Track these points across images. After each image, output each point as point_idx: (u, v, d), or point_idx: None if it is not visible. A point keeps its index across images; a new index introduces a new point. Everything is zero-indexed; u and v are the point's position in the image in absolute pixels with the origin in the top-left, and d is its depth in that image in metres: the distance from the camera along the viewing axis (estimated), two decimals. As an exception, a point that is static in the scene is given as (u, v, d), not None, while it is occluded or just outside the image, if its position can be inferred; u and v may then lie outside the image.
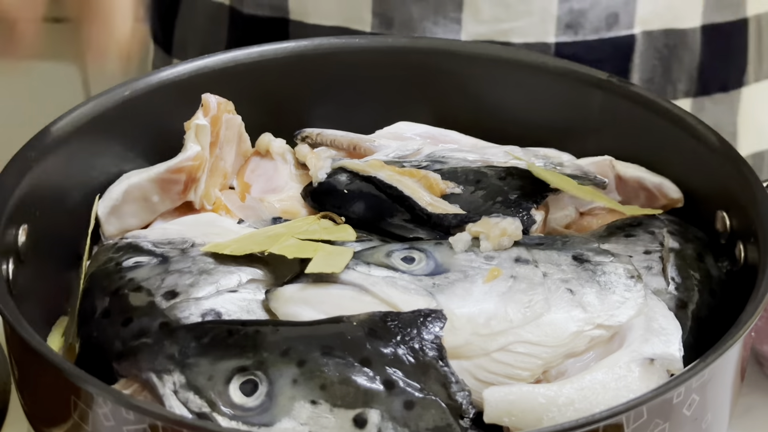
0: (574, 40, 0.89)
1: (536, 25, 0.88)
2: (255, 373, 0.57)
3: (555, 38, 0.88)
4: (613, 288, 0.62)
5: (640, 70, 0.92)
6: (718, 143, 0.71)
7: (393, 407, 0.56)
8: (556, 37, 0.88)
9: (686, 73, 0.94)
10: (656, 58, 0.92)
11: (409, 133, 0.78)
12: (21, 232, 0.67)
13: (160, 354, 0.58)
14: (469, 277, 0.62)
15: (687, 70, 0.93)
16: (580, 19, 0.89)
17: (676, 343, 0.60)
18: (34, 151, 0.69)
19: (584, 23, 0.89)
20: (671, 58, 0.93)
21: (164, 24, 1.02)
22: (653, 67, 0.92)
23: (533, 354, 0.60)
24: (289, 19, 0.91)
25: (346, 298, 0.62)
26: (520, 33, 0.88)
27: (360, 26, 0.89)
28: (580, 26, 0.89)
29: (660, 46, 0.92)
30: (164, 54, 1.03)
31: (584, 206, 0.74)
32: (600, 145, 0.77)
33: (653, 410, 0.54)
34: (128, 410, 0.53)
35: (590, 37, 0.89)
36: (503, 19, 0.88)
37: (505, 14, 0.88)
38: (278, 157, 0.77)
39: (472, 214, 0.68)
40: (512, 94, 0.79)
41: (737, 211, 0.68)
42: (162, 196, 0.73)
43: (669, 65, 0.93)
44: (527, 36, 0.88)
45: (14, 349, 0.63)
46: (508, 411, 0.57)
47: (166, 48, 1.02)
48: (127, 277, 0.65)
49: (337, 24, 0.90)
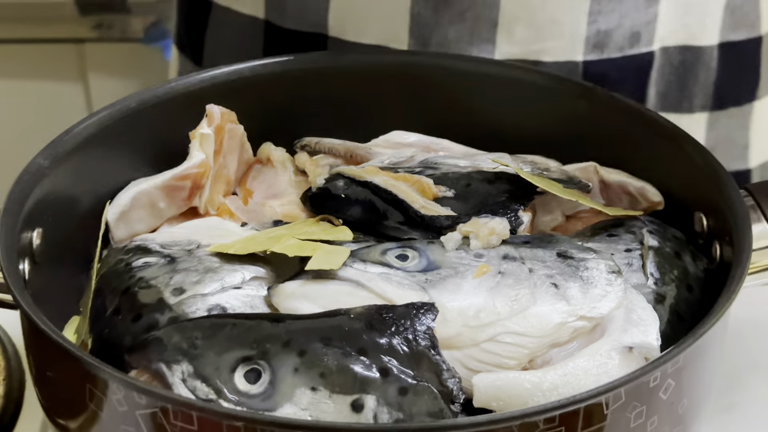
0: (600, 58, 0.91)
1: (566, 45, 0.90)
2: (258, 362, 0.59)
3: (583, 57, 0.90)
4: (595, 282, 0.65)
5: (656, 84, 0.94)
6: (696, 149, 0.73)
7: (388, 393, 0.58)
8: (584, 56, 0.90)
9: (702, 88, 0.95)
10: (672, 73, 0.94)
11: (404, 141, 0.80)
12: (36, 236, 0.69)
13: (169, 346, 0.60)
14: (460, 273, 0.65)
15: (703, 86, 0.95)
16: (606, 39, 0.90)
17: (654, 333, 0.63)
18: (47, 159, 0.71)
19: (609, 42, 0.91)
20: (687, 74, 0.94)
21: (192, 35, 1.02)
22: (668, 82, 0.94)
23: (520, 344, 0.62)
24: (328, 35, 0.92)
25: (343, 293, 0.64)
26: (550, 53, 0.90)
27: (398, 45, 0.90)
28: (605, 45, 0.91)
29: (676, 62, 0.93)
30: (193, 65, 1.03)
31: (570, 210, 0.76)
32: (585, 151, 0.79)
33: (631, 393, 0.57)
34: (140, 395, 0.56)
35: (615, 55, 0.91)
36: (535, 41, 0.89)
37: (536, 36, 0.89)
38: (279, 164, 0.79)
39: (463, 216, 0.70)
40: (501, 104, 0.81)
41: (714, 213, 0.71)
42: (168, 202, 0.74)
43: (685, 81, 0.94)
44: (557, 56, 0.90)
45: (32, 345, 0.65)
46: (496, 396, 0.59)
47: (196, 59, 1.03)
48: (137, 276, 0.67)
49: (374, 42, 0.91)
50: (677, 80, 0.94)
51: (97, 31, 1.73)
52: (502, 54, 0.90)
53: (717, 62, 0.94)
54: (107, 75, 1.75)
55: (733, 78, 0.96)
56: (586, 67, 0.91)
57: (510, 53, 0.90)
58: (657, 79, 0.94)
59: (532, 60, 0.90)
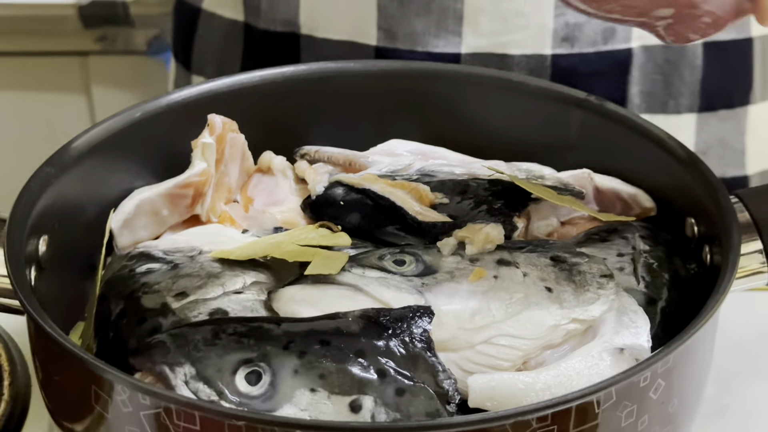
0: (570, 53, 0.91)
1: (533, 37, 0.90)
2: (259, 364, 0.60)
3: (551, 50, 0.91)
4: (587, 286, 0.66)
5: (640, 83, 0.93)
6: (687, 156, 0.74)
7: (385, 394, 0.60)
8: (553, 49, 0.91)
9: (688, 88, 0.94)
10: (657, 72, 0.93)
11: (401, 150, 0.81)
12: (42, 243, 0.70)
13: (171, 349, 0.61)
14: (456, 278, 0.66)
15: (689, 86, 0.94)
16: (575, 33, 0.90)
17: (645, 335, 0.64)
18: (53, 167, 0.72)
19: (580, 36, 0.90)
20: (672, 74, 0.94)
21: (184, 42, 1.04)
22: (653, 81, 0.94)
23: (514, 346, 0.63)
24: (300, 33, 0.93)
25: (342, 297, 0.65)
26: (517, 45, 0.90)
27: (366, 40, 0.91)
28: (576, 39, 0.91)
29: (660, 61, 0.93)
30: (185, 71, 1.04)
31: (565, 216, 0.77)
32: (579, 159, 0.80)
33: (622, 392, 0.58)
34: (144, 396, 0.57)
35: (586, 50, 0.91)
36: (501, 33, 0.90)
37: (503, 28, 0.90)
38: (279, 173, 0.80)
39: (459, 222, 0.71)
40: (497, 113, 0.82)
41: (704, 219, 0.72)
42: (171, 210, 0.75)
43: (670, 80, 0.94)
44: (524, 48, 0.90)
45: (39, 348, 0.66)
46: (490, 396, 0.60)
47: (186, 65, 1.04)
48: (141, 282, 0.68)
49: (344, 38, 0.92)
50: (663, 79, 0.94)
51: (100, 43, 1.74)
52: (469, 47, 0.90)
53: (702, 61, 0.94)
54: (111, 87, 1.76)
55: (721, 78, 0.95)
56: (555, 61, 0.91)
57: (477, 46, 0.91)
58: (640, 77, 0.93)
59: (500, 53, 0.90)
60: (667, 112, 0.95)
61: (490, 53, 0.91)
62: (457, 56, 0.92)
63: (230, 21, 0.99)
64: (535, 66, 0.92)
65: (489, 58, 0.92)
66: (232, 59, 0.99)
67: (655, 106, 0.95)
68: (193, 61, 1.03)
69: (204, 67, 1.03)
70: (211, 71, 1.02)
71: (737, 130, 0.98)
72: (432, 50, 0.91)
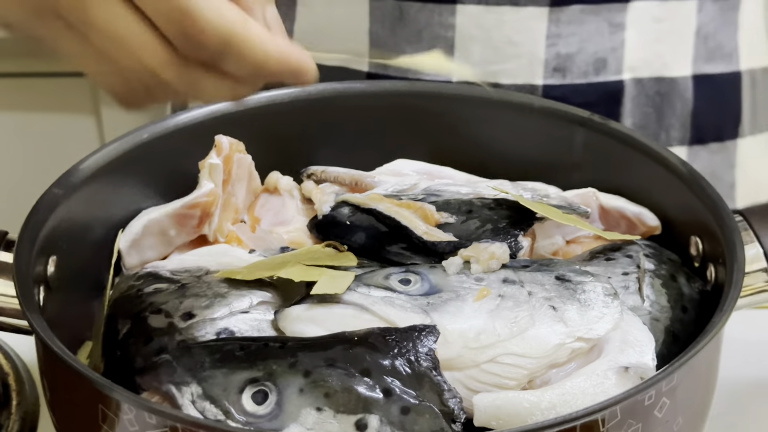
0: (562, 83, 0.90)
1: (524, 67, 0.90)
2: (265, 383, 0.61)
3: (543, 81, 0.90)
4: (592, 305, 0.66)
5: (632, 115, 0.93)
6: (690, 175, 0.75)
7: (391, 413, 0.60)
8: (544, 79, 0.90)
9: (679, 120, 0.94)
10: (648, 105, 0.93)
11: (407, 170, 0.81)
12: (50, 263, 0.70)
13: (178, 368, 0.62)
14: (461, 297, 0.66)
15: (679, 118, 0.94)
16: (567, 63, 0.90)
17: (650, 353, 0.64)
18: (61, 188, 0.72)
19: (571, 67, 0.90)
20: (663, 105, 0.94)
21: None
22: (645, 113, 0.93)
23: (519, 365, 0.63)
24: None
25: (348, 317, 0.65)
26: (508, 75, 0.90)
27: (358, 66, 0.91)
28: (567, 70, 0.90)
29: (651, 93, 0.93)
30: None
31: (570, 235, 0.78)
32: (584, 178, 0.80)
33: (626, 411, 0.58)
34: (151, 415, 0.57)
35: (578, 80, 0.91)
36: (493, 62, 0.89)
37: (494, 57, 0.89)
38: (286, 193, 0.80)
39: (464, 241, 0.72)
40: (502, 132, 0.83)
41: (709, 237, 0.72)
42: (179, 230, 0.76)
43: (662, 112, 0.94)
44: (515, 78, 0.90)
45: (47, 368, 0.66)
46: (495, 415, 0.61)
47: None
48: (148, 302, 0.69)
49: (337, 64, 0.91)
50: (654, 112, 0.94)
51: (109, 64, 1.74)
52: (459, 74, 0.89)
53: (692, 93, 0.94)
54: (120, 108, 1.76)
55: (711, 111, 0.95)
56: (546, 91, 0.90)
57: (467, 74, 0.88)
58: (632, 110, 0.93)
59: (491, 82, 0.90)
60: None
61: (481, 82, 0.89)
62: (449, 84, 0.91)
63: None
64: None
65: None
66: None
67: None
68: None
69: None
70: None
71: (727, 164, 0.98)
72: (423, 77, 0.90)
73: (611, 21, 0.90)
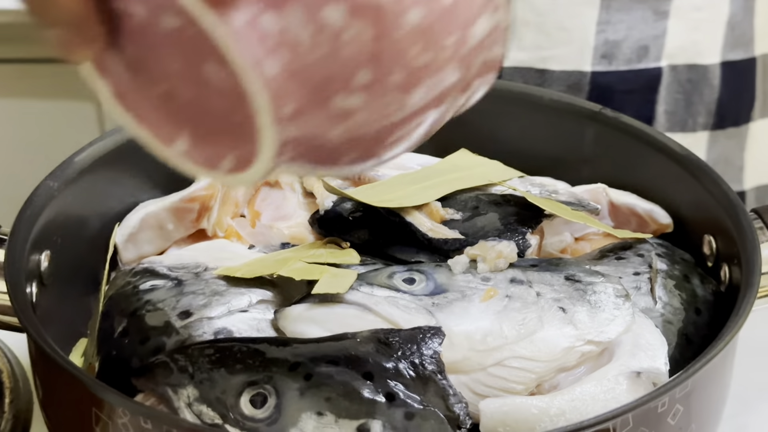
0: (608, 70, 0.92)
1: (574, 53, 0.91)
2: (264, 386, 0.59)
3: (591, 67, 0.92)
4: (602, 306, 0.65)
5: (665, 102, 0.94)
6: (704, 172, 0.74)
7: (394, 418, 0.58)
8: (592, 66, 0.92)
9: (705, 107, 0.96)
10: (679, 92, 0.94)
11: (411, 163, 0.79)
12: (44, 258, 0.69)
13: (175, 370, 0.60)
14: (467, 297, 0.65)
15: (706, 105, 0.96)
16: (614, 50, 0.92)
17: (662, 357, 0.63)
18: (56, 181, 0.71)
19: (618, 54, 0.92)
20: (693, 93, 0.95)
21: None
22: (676, 100, 0.95)
23: (527, 368, 0.62)
24: None
25: (350, 317, 0.64)
26: (558, 61, 0.91)
27: None
28: (614, 57, 0.92)
29: (683, 80, 0.94)
30: None
31: (579, 232, 0.77)
32: (594, 173, 0.79)
33: (639, 418, 0.57)
34: (146, 419, 0.56)
35: (622, 67, 0.92)
36: (543, 47, 0.91)
37: (546, 42, 0.91)
38: (287, 186, 0.79)
39: (471, 239, 0.70)
40: (510, 125, 0.81)
41: (723, 236, 0.71)
42: (176, 224, 0.75)
43: (690, 99, 0.95)
44: (565, 64, 0.91)
45: (39, 367, 0.65)
46: (502, 421, 0.59)
47: None
48: (144, 299, 0.67)
49: None
50: (684, 99, 0.95)
51: (109, 50, 1.73)
52: (510, 60, 0.91)
53: (720, 81, 0.96)
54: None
55: (732, 98, 0.97)
56: (594, 78, 0.92)
57: (518, 59, 0.91)
58: (665, 97, 0.94)
59: (540, 68, 0.91)
60: (686, 130, 0.96)
61: (530, 67, 0.92)
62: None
63: None
64: (574, 82, 0.93)
65: (529, 72, 0.93)
66: None
67: (675, 125, 0.96)
68: None
69: None
70: None
71: (739, 147, 0.99)
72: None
73: (656, 9, 0.92)
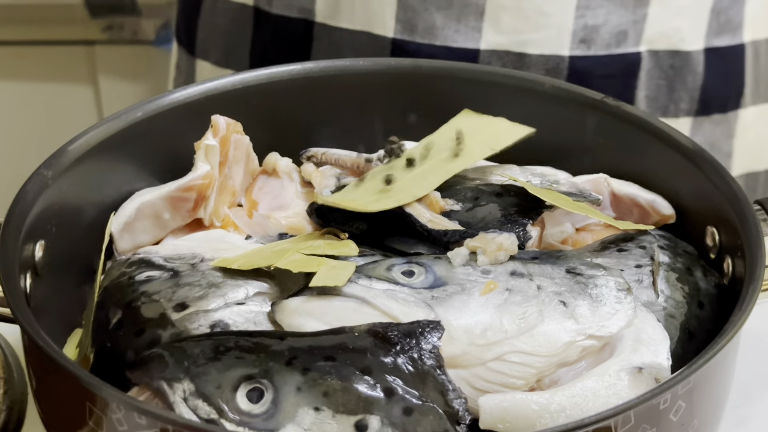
0: (587, 54, 0.92)
1: (552, 38, 0.91)
2: (261, 381, 0.59)
3: (569, 51, 0.92)
4: (604, 300, 0.64)
5: (646, 88, 0.94)
6: (708, 162, 0.73)
7: (392, 413, 0.58)
8: (570, 50, 0.92)
9: (688, 93, 0.96)
10: (661, 77, 0.95)
11: (412, 151, 0.79)
12: (38, 248, 0.68)
13: (170, 363, 0.60)
14: (467, 290, 0.64)
15: (689, 91, 0.96)
16: (593, 35, 0.92)
17: (665, 352, 0.62)
18: (50, 170, 0.71)
19: (596, 39, 0.92)
20: (675, 79, 0.95)
21: (187, 25, 1.03)
22: (658, 86, 0.95)
23: (527, 363, 0.61)
24: (314, 21, 0.93)
25: (348, 310, 0.63)
26: (536, 44, 0.92)
27: (383, 31, 0.92)
28: (592, 41, 0.92)
29: (665, 66, 0.94)
30: (188, 55, 1.03)
31: (580, 222, 0.76)
32: (595, 163, 0.79)
33: (640, 415, 0.56)
34: (140, 415, 0.55)
35: (601, 52, 0.93)
36: (522, 31, 0.91)
37: (524, 26, 0.91)
38: (285, 175, 0.79)
39: (470, 230, 0.69)
40: (511, 114, 0.80)
41: (726, 227, 0.70)
42: (173, 214, 0.74)
43: (673, 85, 0.95)
44: (543, 48, 0.92)
45: (32, 359, 0.65)
46: (502, 417, 0.59)
47: (190, 49, 1.03)
48: (140, 290, 0.67)
49: (361, 28, 0.92)
50: (666, 84, 0.95)
51: (107, 33, 1.72)
52: (488, 43, 0.91)
53: (703, 67, 0.96)
54: (117, 77, 1.74)
55: (717, 84, 0.97)
56: (572, 63, 0.92)
57: (496, 42, 0.91)
58: (646, 82, 0.94)
59: (518, 52, 0.91)
60: (667, 115, 0.97)
61: (508, 51, 0.91)
62: (476, 52, 0.92)
63: (238, 5, 0.98)
64: (552, 66, 0.93)
65: (507, 56, 0.93)
66: (240, 44, 0.99)
67: (656, 110, 0.96)
68: (197, 45, 1.02)
69: (209, 51, 1.02)
70: (216, 56, 1.02)
71: (727, 134, 1.00)
72: (450, 45, 0.91)
73: None
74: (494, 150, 0.75)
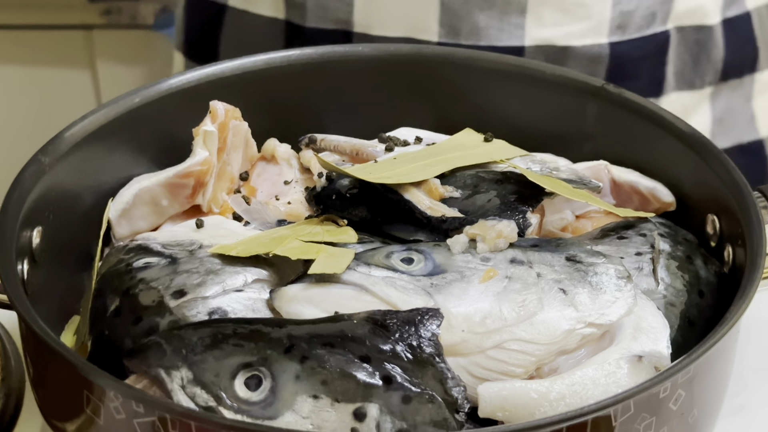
0: (622, 40, 0.95)
1: (593, 28, 0.94)
2: (259, 368, 0.58)
3: (607, 39, 0.94)
4: (604, 288, 0.64)
5: (674, 64, 0.97)
6: (709, 149, 0.73)
7: (391, 402, 0.58)
8: (608, 38, 0.94)
9: (712, 66, 0.99)
10: (686, 52, 0.97)
11: (411, 139, 0.78)
12: (35, 234, 0.69)
13: (168, 351, 0.59)
14: (466, 278, 0.64)
15: (713, 63, 0.99)
16: (627, 20, 0.94)
17: (664, 341, 0.62)
18: (47, 156, 0.71)
19: (630, 23, 0.94)
20: (700, 53, 0.98)
21: (202, 39, 1.03)
22: (684, 61, 0.98)
23: (527, 351, 0.61)
24: (353, 32, 0.94)
25: (347, 298, 0.63)
26: (579, 36, 0.94)
27: (427, 36, 0.93)
28: (627, 26, 0.94)
29: (690, 42, 0.97)
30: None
31: (580, 209, 0.76)
32: (595, 150, 0.79)
33: (640, 404, 0.56)
34: (138, 403, 0.55)
35: (634, 35, 0.95)
36: (563, 24, 0.93)
37: (564, 19, 0.93)
38: (283, 161, 0.78)
39: (470, 217, 0.69)
40: (511, 101, 0.81)
41: (727, 215, 0.70)
42: (171, 200, 0.74)
43: (698, 59, 0.98)
44: (585, 39, 0.94)
45: (29, 347, 0.64)
46: (501, 406, 0.59)
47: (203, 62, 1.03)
48: (138, 277, 0.66)
49: (403, 35, 0.93)
50: (691, 59, 0.98)
51: (105, 17, 1.72)
52: (532, 39, 0.93)
53: (723, 39, 0.98)
54: (116, 62, 1.74)
55: (735, 53, 1.00)
56: (612, 49, 0.94)
57: (540, 38, 0.93)
58: (674, 59, 0.96)
59: (562, 45, 0.93)
60: (693, 88, 0.99)
61: (552, 45, 0.94)
62: (521, 49, 0.94)
63: (267, 18, 0.98)
64: (596, 55, 0.95)
65: (551, 50, 0.95)
66: None
67: (683, 85, 0.99)
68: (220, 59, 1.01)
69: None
70: None
71: (744, 98, 1.02)
72: (495, 44, 0.93)
73: None
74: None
